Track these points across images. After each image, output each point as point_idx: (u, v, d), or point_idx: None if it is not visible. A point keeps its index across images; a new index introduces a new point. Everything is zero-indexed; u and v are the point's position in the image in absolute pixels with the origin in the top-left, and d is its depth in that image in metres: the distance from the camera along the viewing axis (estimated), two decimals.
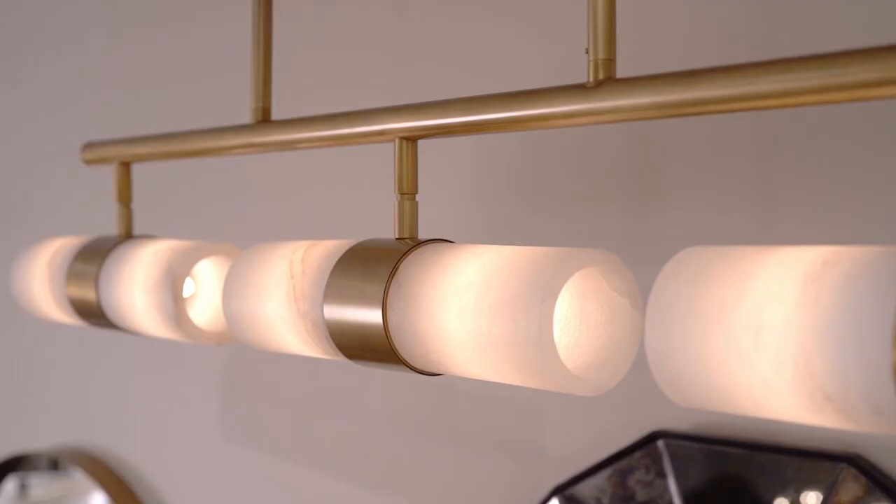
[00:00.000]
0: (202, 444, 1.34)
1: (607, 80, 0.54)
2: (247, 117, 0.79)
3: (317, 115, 0.71)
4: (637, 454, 0.87)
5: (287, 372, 1.20)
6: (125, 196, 0.91)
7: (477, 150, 0.97)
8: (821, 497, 0.76)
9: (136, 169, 0.99)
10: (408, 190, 0.65)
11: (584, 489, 0.90)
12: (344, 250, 0.66)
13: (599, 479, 0.89)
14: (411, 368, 0.63)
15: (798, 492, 0.78)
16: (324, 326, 0.65)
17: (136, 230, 0.95)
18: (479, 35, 0.98)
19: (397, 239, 0.65)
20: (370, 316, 0.62)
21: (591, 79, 0.54)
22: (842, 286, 0.42)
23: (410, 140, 0.65)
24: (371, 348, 0.63)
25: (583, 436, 0.92)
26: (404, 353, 0.62)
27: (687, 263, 0.49)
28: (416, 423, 1.06)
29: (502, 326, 0.54)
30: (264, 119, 0.77)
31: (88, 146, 0.95)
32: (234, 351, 1.27)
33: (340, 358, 0.67)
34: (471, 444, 1.01)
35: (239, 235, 1.16)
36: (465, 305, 0.57)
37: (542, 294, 0.53)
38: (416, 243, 0.63)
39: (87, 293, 0.86)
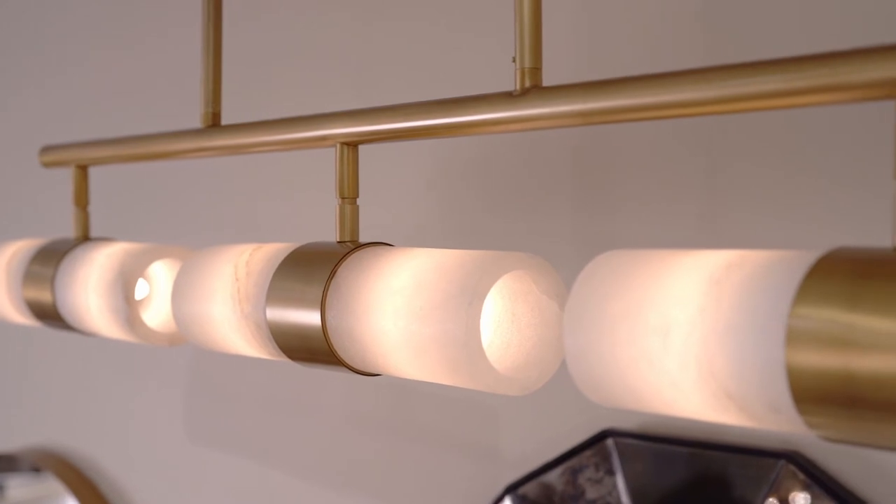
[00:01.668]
0: (168, 445, 1.35)
1: (533, 88, 0.56)
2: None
3: (263, 121, 0.73)
4: (587, 453, 0.89)
5: (251, 372, 1.22)
6: (82, 199, 0.92)
7: (436, 152, 0.98)
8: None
9: (106, 173, 1.01)
10: (348, 194, 0.66)
11: (536, 487, 0.92)
12: (286, 253, 0.67)
13: (551, 477, 0.91)
14: (350, 369, 0.64)
15: (743, 488, 0.80)
16: (266, 328, 0.67)
17: (107, 234, 0.96)
18: (431, 41, 0.99)
19: (338, 242, 0.67)
20: (309, 318, 0.63)
21: (518, 87, 0.56)
22: (742, 289, 0.44)
23: (351, 145, 0.66)
24: (311, 349, 0.64)
25: (536, 435, 0.93)
26: (343, 354, 0.63)
27: (603, 267, 0.50)
28: (375, 423, 1.07)
29: (432, 328, 0.56)
30: (214, 124, 0.78)
31: (46, 149, 0.97)
32: (200, 352, 1.29)
33: (284, 359, 0.69)
34: (428, 444, 1.02)
35: (205, 238, 1.17)
36: (398, 307, 0.58)
37: (470, 297, 0.54)
38: (356, 246, 0.65)
39: (44, 295, 0.88)
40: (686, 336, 0.45)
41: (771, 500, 0.77)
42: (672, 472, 0.84)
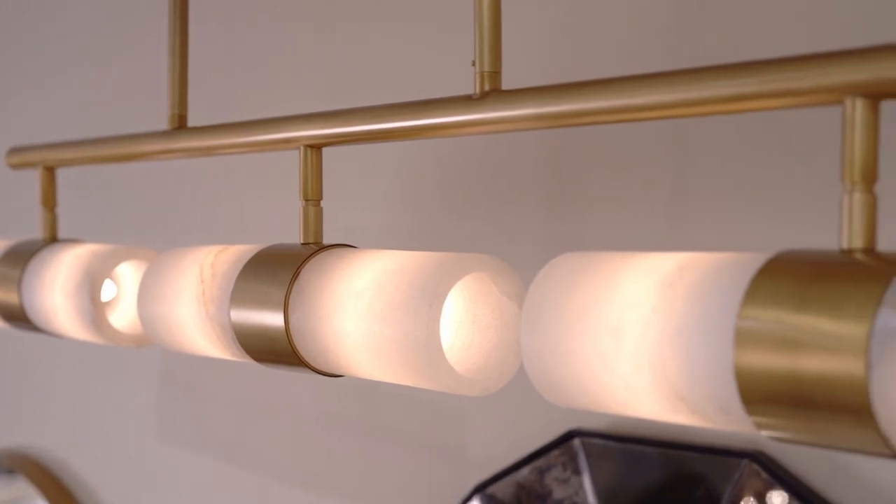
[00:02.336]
0: (139, 447, 1.35)
1: (493, 91, 0.56)
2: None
3: (228, 123, 0.73)
4: (554, 452, 0.90)
5: (222, 373, 1.22)
6: (49, 200, 0.92)
7: (405, 153, 0.99)
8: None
9: (75, 174, 1.01)
10: (312, 196, 0.67)
11: (504, 487, 0.92)
12: (251, 255, 0.68)
13: (518, 477, 0.91)
14: (313, 370, 0.64)
15: (708, 487, 0.80)
16: (230, 329, 0.67)
17: (75, 235, 0.96)
18: (398, 44, 1.00)
19: (302, 244, 0.67)
20: (273, 319, 0.63)
21: (478, 90, 0.56)
22: (693, 291, 0.45)
23: (314, 148, 0.66)
24: (274, 351, 0.65)
25: (504, 435, 0.94)
26: (306, 355, 0.64)
27: (559, 269, 0.51)
28: (345, 424, 1.08)
29: (393, 330, 0.56)
30: (180, 126, 0.78)
31: (13, 151, 0.97)
32: (171, 353, 1.29)
33: (248, 360, 0.69)
34: (396, 445, 1.03)
35: (173, 240, 1.17)
36: (360, 309, 0.59)
37: (430, 299, 0.55)
38: (319, 248, 0.65)
39: (11, 296, 0.87)
40: (639, 338, 0.46)
41: (748, 498, 0.78)
42: (638, 471, 0.85)
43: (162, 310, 0.73)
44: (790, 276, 0.42)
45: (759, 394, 0.42)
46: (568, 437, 0.88)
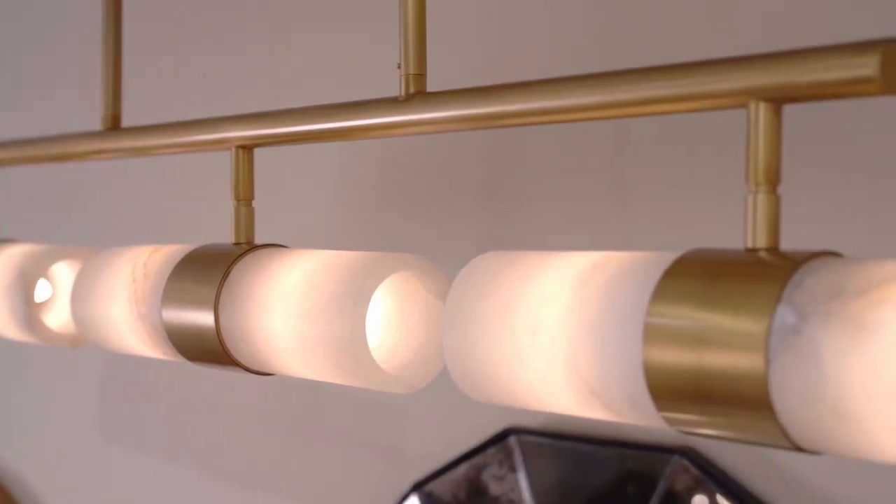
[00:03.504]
0: (81, 447, 1.35)
1: (417, 93, 0.57)
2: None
3: (161, 124, 0.73)
4: (491, 450, 0.91)
5: (165, 373, 1.22)
6: None
7: (345, 154, 0.99)
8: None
9: (10, 175, 1.00)
10: (244, 196, 0.67)
11: (442, 485, 0.93)
12: (183, 255, 0.68)
13: (456, 474, 0.92)
14: (244, 369, 0.65)
15: (639, 482, 0.82)
16: (162, 329, 0.67)
17: (11, 236, 0.96)
18: (328, 46, 1.01)
19: (234, 244, 0.67)
20: (203, 318, 0.64)
21: (403, 93, 0.57)
22: (606, 289, 0.46)
23: (246, 148, 0.67)
24: (205, 350, 0.65)
25: (443, 433, 0.95)
26: (236, 354, 0.64)
27: (479, 268, 0.52)
28: (287, 423, 1.08)
29: (319, 328, 0.57)
30: (114, 126, 0.78)
31: None
32: (114, 353, 1.28)
33: (180, 359, 0.69)
34: (336, 443, 1.03)
35: (110, 240, 1.16)
36: (288, 308, 0.59)
37: (355, 298, 0.56)
38: (251, 248, 0.65)
39: None
40: (554, 335, 0.47)
41: (699, 497, 0.79)
42: (574, 468, 0.86)
43: (95, 309, 0.73)
44: (696, 275, 0.43)
45: (666, 389, 0.43)
46: (504, 434, 0.89)
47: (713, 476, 0.79)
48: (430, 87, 0.59)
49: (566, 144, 0.84)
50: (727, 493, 0.77)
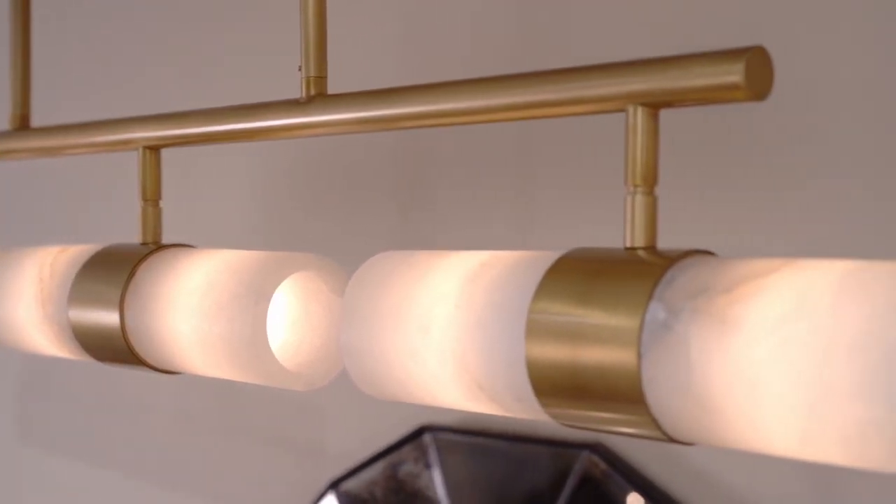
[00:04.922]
0: None
1: (318, 96, 0.58)
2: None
3: (69, 124, 0.73)
4: (406, 447, 0.92)
5: (85, 372, 1.21)
6: None
7: (262, 154, 1.00)
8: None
9: None
10: (150, 196, 0.68)
11: (359, 482, 0.94)
12: (90, 255, 0.68)
13: (373, 472, 0.93)
14: (150, 368, 0.65)
15: (552, 477, 0.83)
16: (69, 328, 0.68)
17: None
18: (239, 49, 1.01)
19: (140, 244, 0.68)
20: (109, 318, 0.64)
21: (304, 94, 0.58)
22: (492, 286, 0.47)
23: (152, 149, 0.67)
24: (112, 349, 0.65)
25: (361, 431, 0.95)
26: (142, 353, 0.64)
27: (375, 267, 0.53)
28: (205, 422, 1.08)
29: (221, 327, 0.58)
30: (22, 126, 0.78)
31: None
32: (29, 354, 1.27)
33: (88, 359, 0.69)
34: (255, 441, 1.04)
35: (18, 240, 1.16)
36: (191, 307, 0.60)
37: (256, 297, 0.56)
38: (157, 248, 0.66)
39: None
40: (444, 331, 0.48)
41: (633, 494, 0.81)
42: (487, 464, 0.87)
43: (2, 310, 0.73)
44: (577, 273, 0.45)
45: (547, 384, 0.44)
46: (419, 432, 0.91)
47: (621, 471, 0.81)
48: (349, 88, 0.59)
49: (473, 144, 0.85)
50: (636, 488, 0.79)
